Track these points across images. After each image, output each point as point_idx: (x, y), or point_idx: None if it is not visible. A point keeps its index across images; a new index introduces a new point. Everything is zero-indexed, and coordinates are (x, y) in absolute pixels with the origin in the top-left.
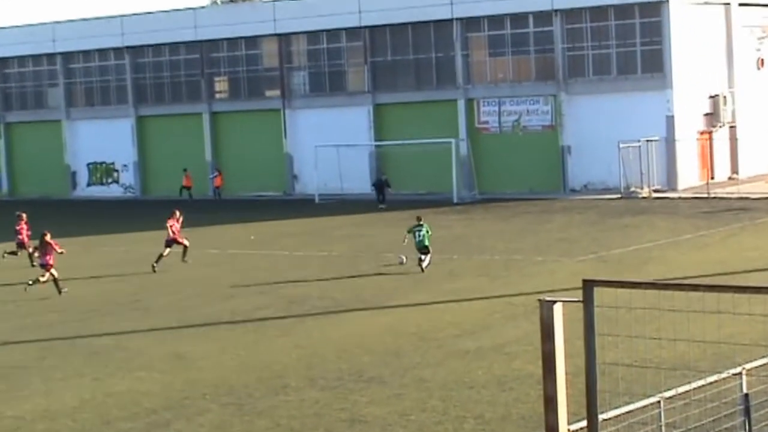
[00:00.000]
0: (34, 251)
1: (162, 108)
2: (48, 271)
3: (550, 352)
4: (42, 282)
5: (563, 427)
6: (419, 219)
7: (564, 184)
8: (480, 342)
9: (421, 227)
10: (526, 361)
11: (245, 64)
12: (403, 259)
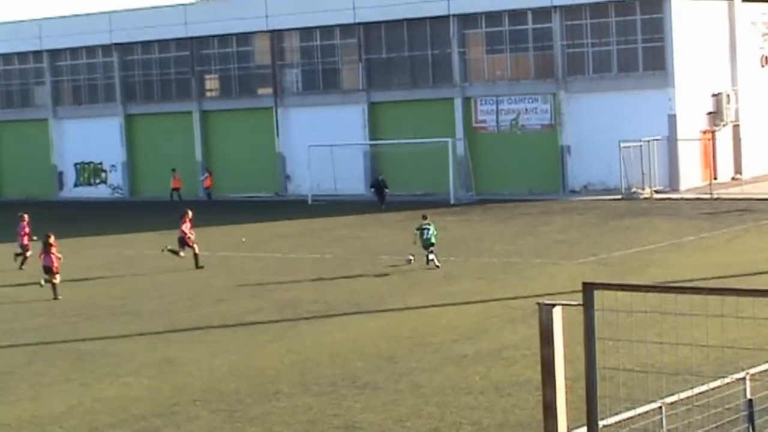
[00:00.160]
0: (40, 255)
1: (151, 107)
2: (55, 273)
3: (549, 356)
4: (56, 282)
5: None
6: (425, 217)
7: (563, 184)
8: (477, 346)
9: (429, 225)
10: (525, 366)
11: (236, 61)
12: (411, 258)
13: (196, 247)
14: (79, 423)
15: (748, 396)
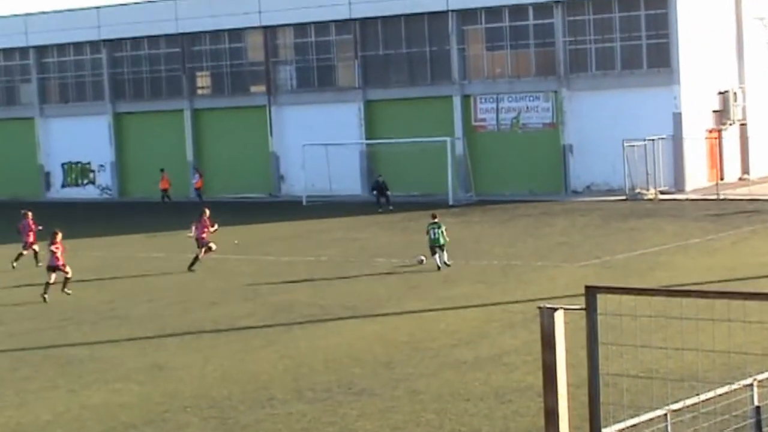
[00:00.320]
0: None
1: (141, 105)
2: (63, 270)
3: (551, 362)
4: (51, 284)
5: None
6: (434, 216)
7: (565, 185)
8: (477, 352)
9: (436, 225)
10: (526, 372)
11: (229, 58)
12: (423, 259)
13: (203, 252)
14: (66, 431)
15: (756, 403)
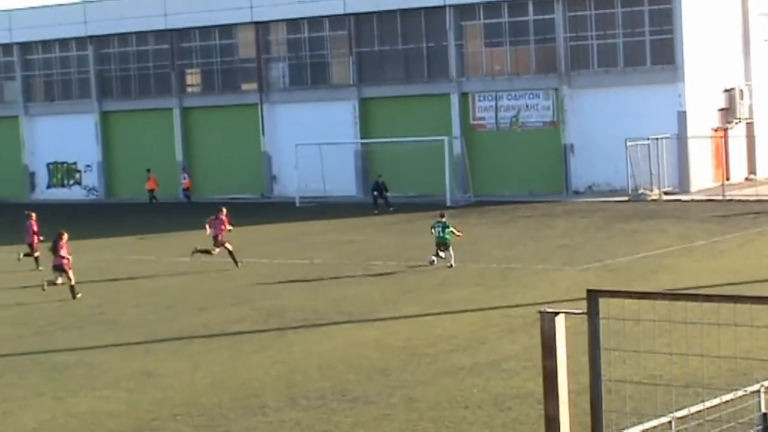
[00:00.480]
0: (51, 250)
1: (128, 103)
2: (66, 271)
3: (552, 368)
4: (57, 284)
5: None
6: (442, 215)
7: (566, 185)
8: (475, 358)
9: (443, 223)
10: (526, 379)
11: (219, 55)
12: (434, 260)
13: (217, 250)
14: None
15: (763, 410)
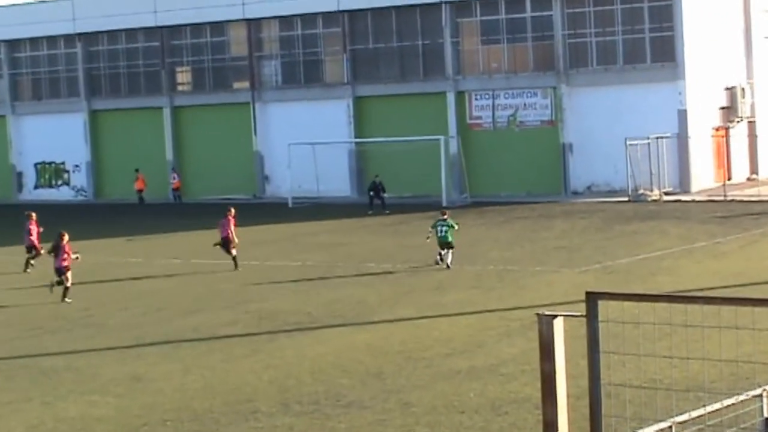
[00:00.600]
0: (49, 252)
1: (118, 102)
2: (65, 273)
3: (550, 372)
4: (61, 285)
5: None
6: (444, 213)
7: (565, 186)
8: (472, 361)
9: (445, 222)
10: (523, 383)
11: (210, 52)
12: (440, 259)
13: (234, 251)
14: None
15: (765, 414)
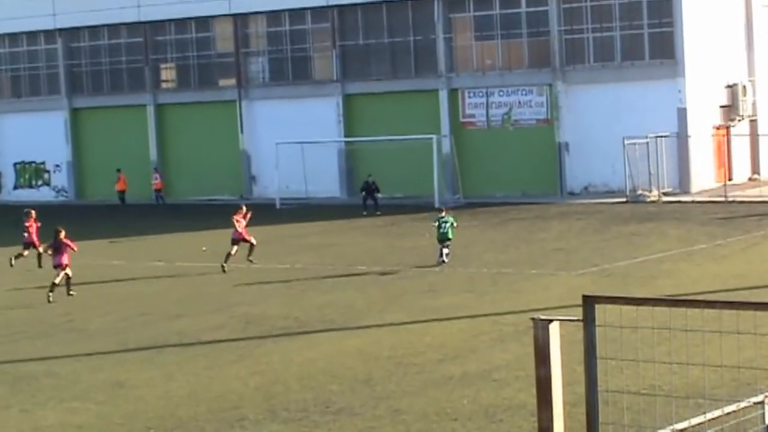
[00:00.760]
0: (47, 250)
1: (100, 99)
2: (63, 270)
3: (546, 378)
4: (57, 285)
5: None
6: (442, 211)
7: (561, 186)
8: (465, 367)
9: (445, 219)
10: (518, 389)
11: (195, 48)
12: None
13: (254, 240)
14: None
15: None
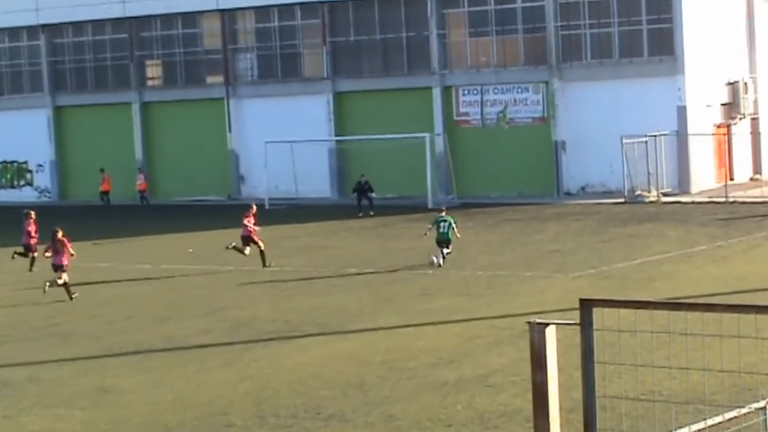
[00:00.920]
0: (46, 251)
1: (84, 97)
2: (63, 272)
3: (542, 383)
4: (59, 285)
5: None
6: (441, 211)
7: (558, 186)
8: (459, 372)
9: (445, 219)
10: (514, 395)
11: (182, 45)
12: (434, 259)
13: (262, 244)
14: None
15: None
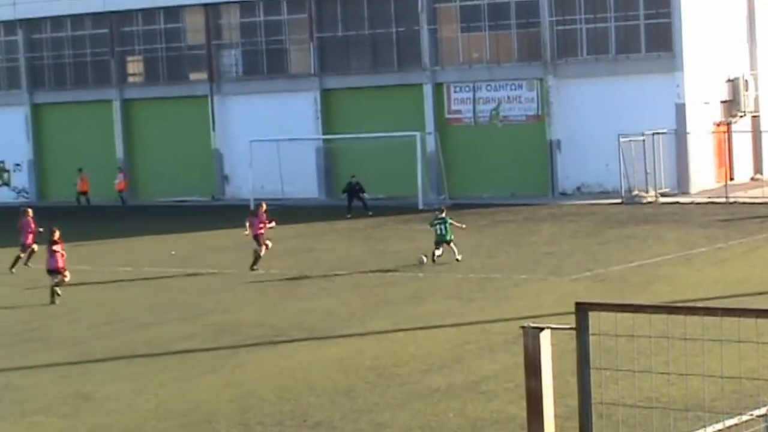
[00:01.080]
0: (53, 245)
1: (63, 94)
2: (63, 274)
3: (536, 390)
4: (66, 283)
5: None
6: (441, 211)
7: (552, 186)
8: (451, 378)
9: (444, 220)
10: (507, 402)
11: (164, 40)
12: (423, 259)
13: (263, 249)
14: None
15: None
